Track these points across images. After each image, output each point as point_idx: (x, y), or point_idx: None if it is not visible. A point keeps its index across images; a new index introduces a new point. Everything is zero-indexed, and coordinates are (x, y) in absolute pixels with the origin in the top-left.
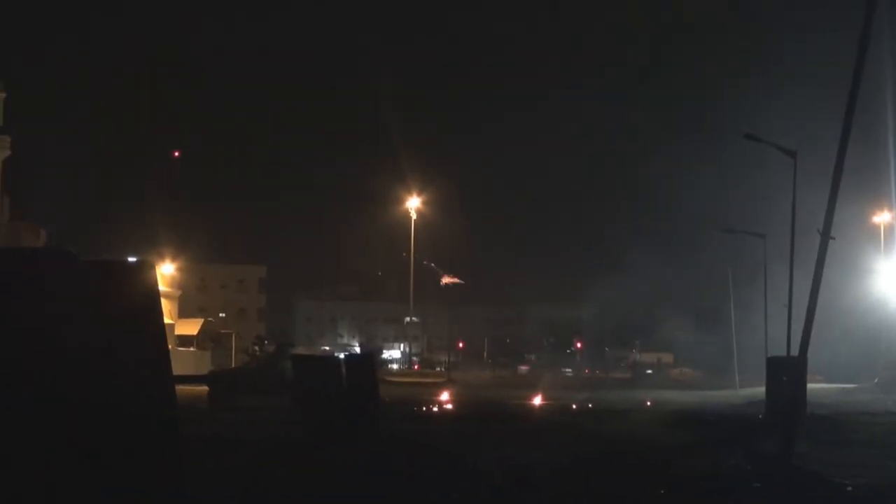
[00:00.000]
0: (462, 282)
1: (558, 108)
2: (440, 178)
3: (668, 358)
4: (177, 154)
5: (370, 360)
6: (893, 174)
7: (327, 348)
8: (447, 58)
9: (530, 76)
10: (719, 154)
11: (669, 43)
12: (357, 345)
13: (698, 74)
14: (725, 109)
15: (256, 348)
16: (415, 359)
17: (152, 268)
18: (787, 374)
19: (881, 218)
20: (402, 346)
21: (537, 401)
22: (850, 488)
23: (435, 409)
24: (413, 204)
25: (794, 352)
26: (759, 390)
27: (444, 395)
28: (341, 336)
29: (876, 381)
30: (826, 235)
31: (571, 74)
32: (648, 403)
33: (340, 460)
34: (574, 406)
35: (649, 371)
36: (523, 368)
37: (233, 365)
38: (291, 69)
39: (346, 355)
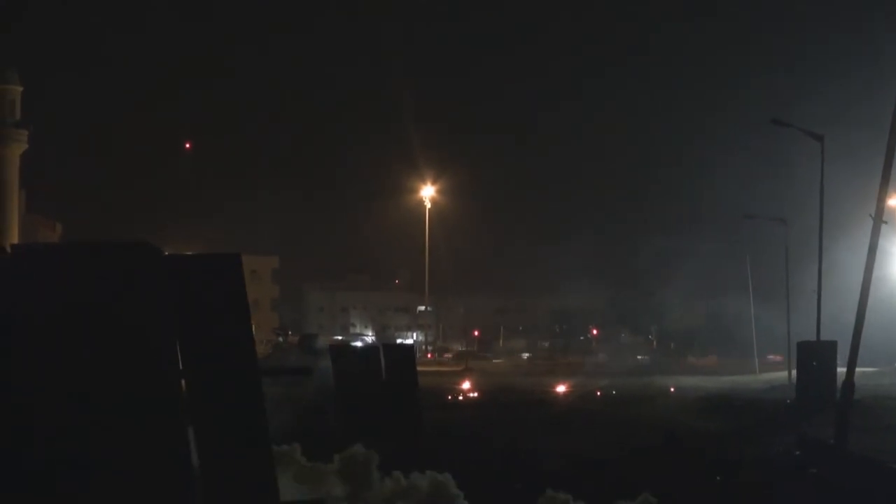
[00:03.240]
0: None
1: (583, 96)
2: (458, 168)
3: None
4: (188, 146)
5: (410, 351)
6: None
7: (340, 338)
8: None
9: (555, 67)
10: (746, 141)
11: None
12: (370, 334)
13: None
14: (751, 96)
15: (281, 339)
16: (429, 348)
17: (238, 262)
18: (817, 358)
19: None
20: (414, 334)
21: (561, 388)
22: None
23: (461, 398)
24: (427, 193)
25: (823, 337)
26: (779, 375)
27: (467, 384)
28: (354, 326)
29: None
30: (879, 220)
31: (596, 64)
32: (672, 390)
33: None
34: (598, 393)
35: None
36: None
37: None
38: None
39: (384, 345)
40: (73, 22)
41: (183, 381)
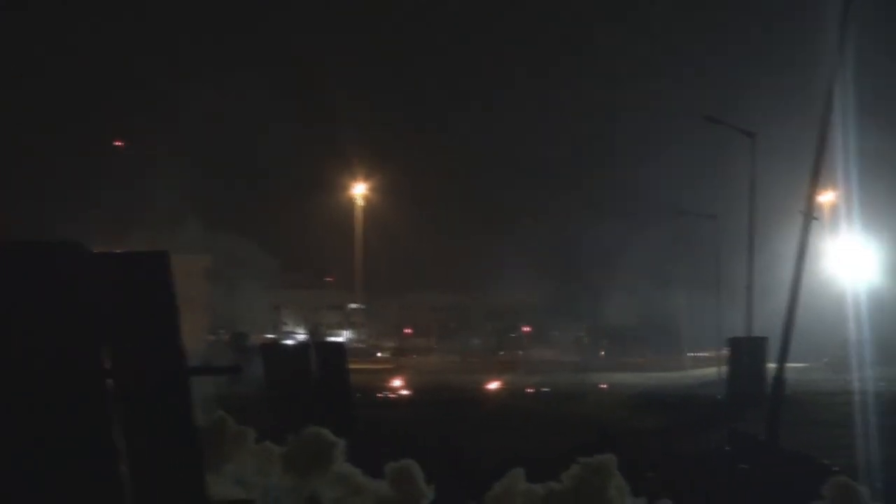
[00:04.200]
0: None
1: (520, 93)
2: (392, 164)
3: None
4: (119, 143)
5: (341, 349)
6: (841, 155)
7: (272, 336)
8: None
9: (490, 63)
10: (679, 136)
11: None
12: (302, 332)
13: (656, 56)
14: (686, 91)
15: (212, 337)
16: (361, 346)
17: (167, 259)
18: (748, 354)
19: (826, 198)
20: (346, 332)
21: (493, 385)
22: (836, 468)
23: (393, 395)
24: (359, 190)
25: (759, 332)
26: (709, 371)
27: (398, 381)
28: (286, 324)
29: (825, 360)
30: (809, 216)
31: (532, 60)
32: (604, 386)
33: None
34: (530, 390)
35: (602, 353)
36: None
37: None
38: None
39: (315, 343)
40: None
41: (110, 382)
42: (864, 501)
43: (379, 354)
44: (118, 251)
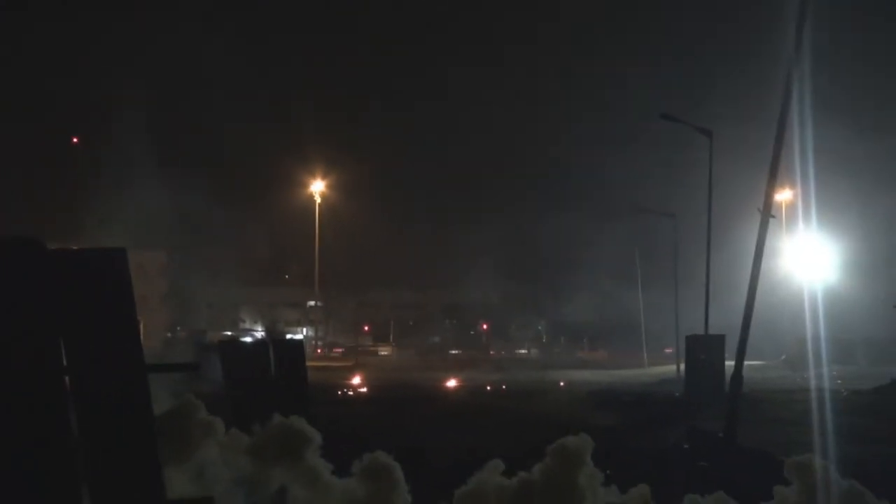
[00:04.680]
0: None
1: (479, 92)
2: (350, 162)
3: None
4: (76, 140)
5: (299, 347)
6: (798, 152)
7: (229, 333)
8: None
9: (450, 61)
10: (636, 134)
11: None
12: (260, 330)
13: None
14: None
15: (169, 335)
16: (319, 343)
17: (125, 256)
18: (706, 352)
19: (783, 196)
20: (304, 330)
21: (451, 383)
22: None
23: (351, 393)
24: (318, 188)
25: (718, 330)
26: (668, 368)
27: (357, 379)
28: (243, 321)
29: (783, 357)
30: (766, 214)
31: (493, 58)
32: (562, 384)
33: None
34: (488, 388)
35: (557, 350)
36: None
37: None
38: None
39: (273, 340)
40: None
41: (67, 379)
42: (828, 476)
43: (338, 351)
44: (75, 248)
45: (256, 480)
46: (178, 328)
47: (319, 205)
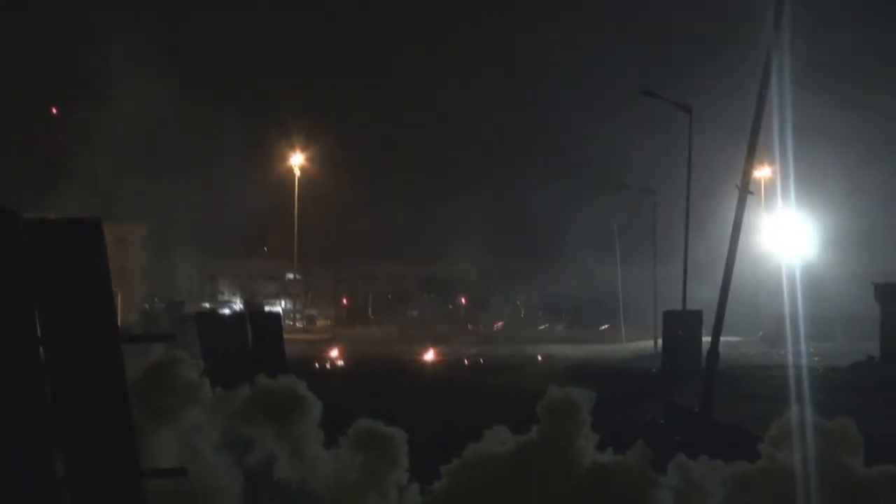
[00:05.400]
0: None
1: (462, 65)
2: (332, 134)
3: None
4: (55, 111)
5: (277, 319)
6: (777, 129)
7: (208, 305)
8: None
9: (432, 36)
10: (616, 109)
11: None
12: (238, 302)
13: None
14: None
15: (147, 306)
16: (297, 316)
17: (100, 226)
18: (683, 328)
19: (761, 173)
20: (283, 302)
21: (429, 356)
22: None
23: (328, 365)
24: (297, 160)
25: (693, 307)
26: (646, 344)
27: (335, 352)
28: (222, 293)
29: (760, 334)
30: (745, 191)
31: (478, 33)
32: (539, 358)
33: None
34: (466, 361)
35: (542, 327)
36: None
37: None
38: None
39: (251, 313)
40: None
41: (41, 349)
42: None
43: (320, 323)
44: (50, 217)
45: (250, 441)
46: (157, 300)
47: (299, 178)
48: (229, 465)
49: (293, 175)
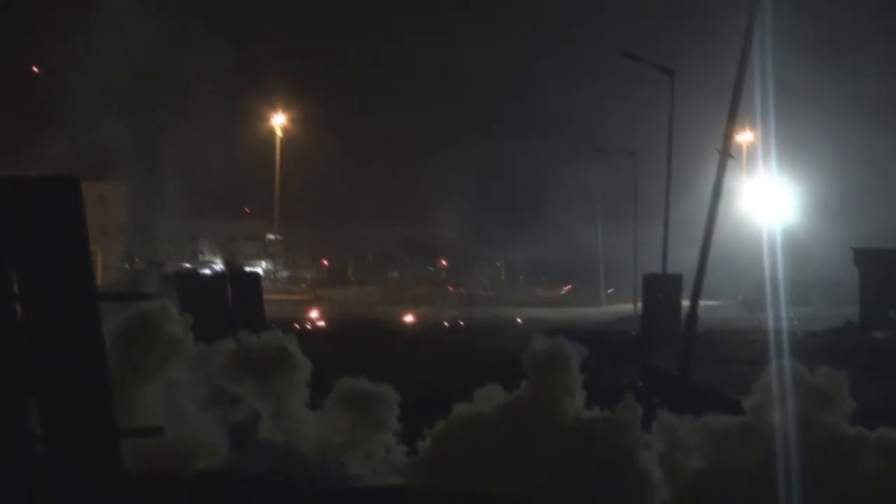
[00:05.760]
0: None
1: (440, 24)
2: (313, 95)
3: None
4: (36, 69)
5: (257, 279)
6: (758, 93)
7: (188, 265)
8: None
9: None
10: (597, 72)
11: None
12: (218, 262)
13: None
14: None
15: (127, 265)
16: (278, 276)
17: (77, 185)
18: (662, 291)
19: (744, 137)
20: (264, 263)
21: (409, 318)
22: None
23: (309, 326)
24: (279, 121)
25: (674, 270)
26: (625, 307)
27: (315, 313)
28: (202, 253)
29: (740, 298)
30: (725, 154)
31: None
32: (519, 321)
33: None
34: (446, 323)
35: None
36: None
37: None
38: None
39: (231, 273)
40: None
41: (18, 307)
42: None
43: (305, 280)
44: (28, 175)
45: (236, 398)
46: (137, 259)
47: (281, 138)
48: (214, 421)
49: (275, 136)
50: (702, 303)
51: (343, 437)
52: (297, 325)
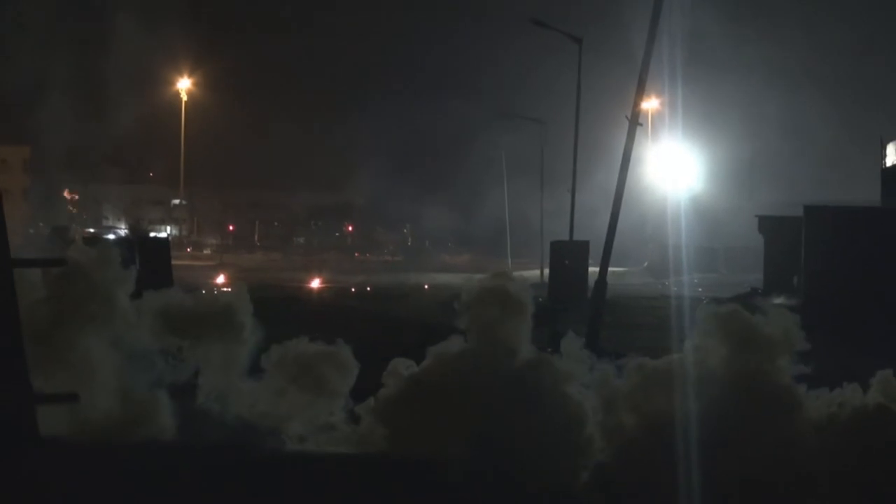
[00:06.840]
0: None
1: None
2: (217, 59)
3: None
4: None
5: (165, 244)
6: (666, 62)
7: (92, 230)
8: None
9: None
10: (506, 39)
11: None
12: (123, 227)
13: None
14: None
15: (32, 231)
16: (187, 241)
17: None
18: (570, 258)
19: (649, 104)
20: (168, 228)
21: (315, 284)
22: None
23: (215, 292)
24: (184, 84)
25: (576, 237)
26: (532, 273)
27: (221, 278)
28: (107, 218)
29: (645, 264)
30: (634, 123)
31: None
32: (426, 287)
33: None
34: (353, 290)
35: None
36: None
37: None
38: None
39: (138, 238)
40: None
41: None
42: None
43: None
44: None
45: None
46: (41, 224)
47: (185, 102)
48: (148, 385)
49: (180, 99)
50: (609, 269)
51: (284, 404)
52: (203, 292)
